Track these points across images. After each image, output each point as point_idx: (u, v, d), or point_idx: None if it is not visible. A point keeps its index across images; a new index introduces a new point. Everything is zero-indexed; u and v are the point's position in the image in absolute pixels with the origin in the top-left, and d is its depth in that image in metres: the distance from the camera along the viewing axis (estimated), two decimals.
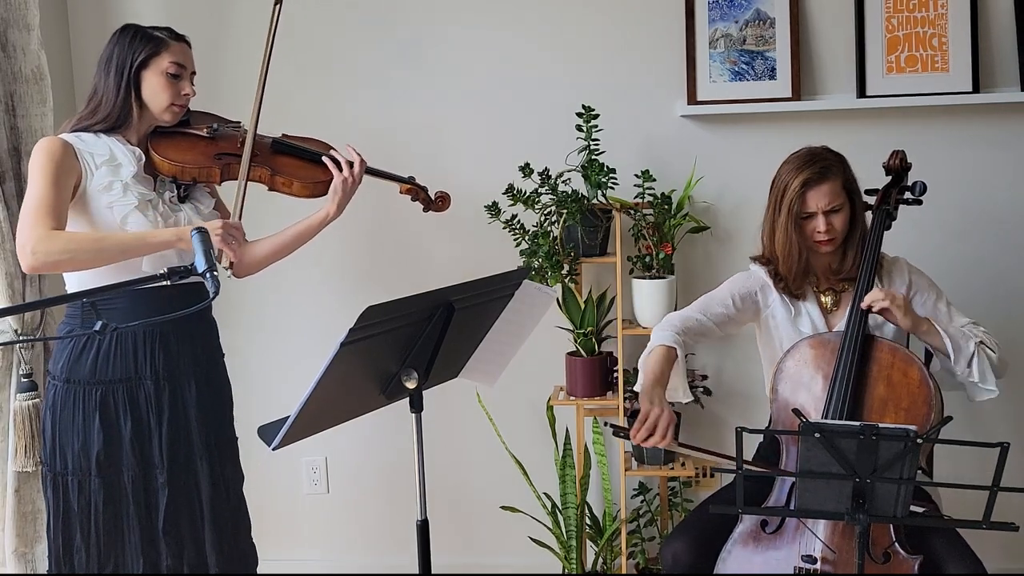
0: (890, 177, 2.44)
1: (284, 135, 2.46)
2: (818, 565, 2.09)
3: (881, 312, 2.20)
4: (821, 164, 2.28)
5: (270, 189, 2.37)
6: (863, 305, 2.20)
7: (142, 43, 2.21)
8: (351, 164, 2.38)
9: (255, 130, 2.33)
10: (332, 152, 2.40)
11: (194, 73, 2.29)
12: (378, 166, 2.49)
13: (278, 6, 2.44)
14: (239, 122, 2.42)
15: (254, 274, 2.47)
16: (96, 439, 2.16)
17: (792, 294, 2.37)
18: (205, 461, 2.25)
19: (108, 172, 2.16)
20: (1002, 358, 2.27)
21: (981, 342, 2.24)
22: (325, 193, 2.38)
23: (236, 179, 2.31)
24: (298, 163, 2.39)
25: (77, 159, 2.14)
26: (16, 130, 2.71)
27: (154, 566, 2.21)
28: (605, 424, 2.92)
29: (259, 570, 2.44)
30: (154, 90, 2.21)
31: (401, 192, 2.56)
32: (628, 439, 2.15)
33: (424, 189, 2.56)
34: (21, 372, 2.67)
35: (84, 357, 2.18)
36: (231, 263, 2.26)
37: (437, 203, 2.58)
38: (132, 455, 2.18)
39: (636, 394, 2.89)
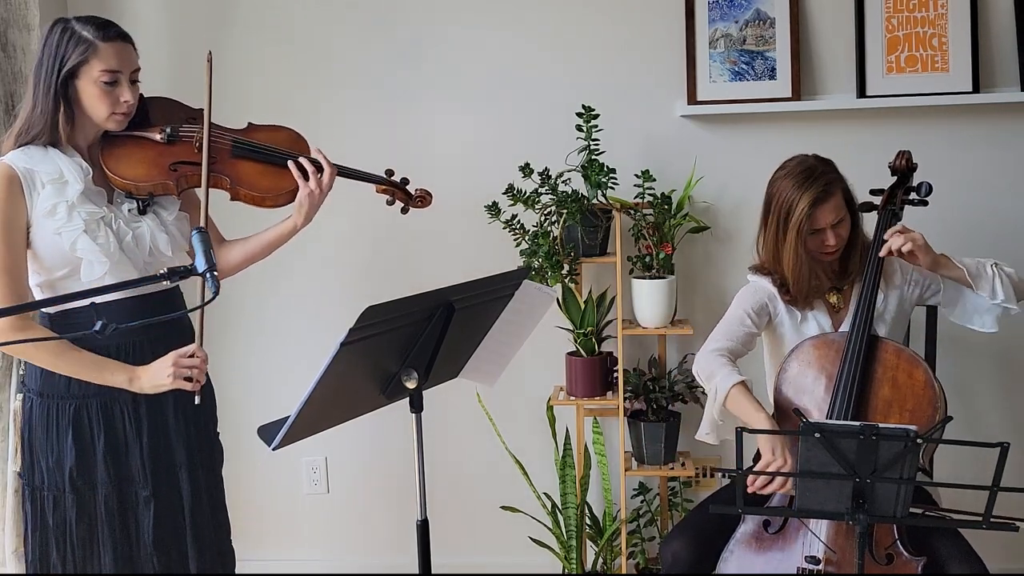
0: (896, 177, 2.43)
1: (250, 124, 2.29)
2: (821, 566, 2.08)
3: (905, 255, 2.21)
4: (824, 181, 2.25)
5: (233, 199, 2.21)
6: (882, 254, 2.21)
7: (71, 47, 1.98)
8: (318, 171, 2.19)
9: (207, 141, 2.15)
10: (300, 158, 2.21)
11: (137, 70, 2.07)
12: (351, 164, 2.33)
13: (209, 64, 2.20)
14: (200, 110, 2.20)
15: (228, 277, 2.37)
16: (69, 455, 2.07)
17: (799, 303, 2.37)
18: (185, 470, 2.16)
19: (53, 193, 1.99)
20: (1021, 276, 2.30)
21: (995, 263, 2.27)
22: (291, 202, 2.21)
23: (195, 186, 2.15)
24: (261, 169, 2.20)
25: (23, 190, 1.99)
26: None
27: None
28: (723, 475, 2.86)
29: (259, 571, 2.42)
30: (90, 101, 2.02)
31: (377, 192, 2.40)
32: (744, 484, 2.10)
33: (402, 186, 2.39)
34: (20, 372, 2.66)
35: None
36: (196, 394, 2.07)
37: (417, 201, 2.41)
38: (106, 471, 2.09)
39: (636, 396, 2.90)
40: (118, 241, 2.05)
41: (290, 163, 2.19)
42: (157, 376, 2.03)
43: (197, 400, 2.07)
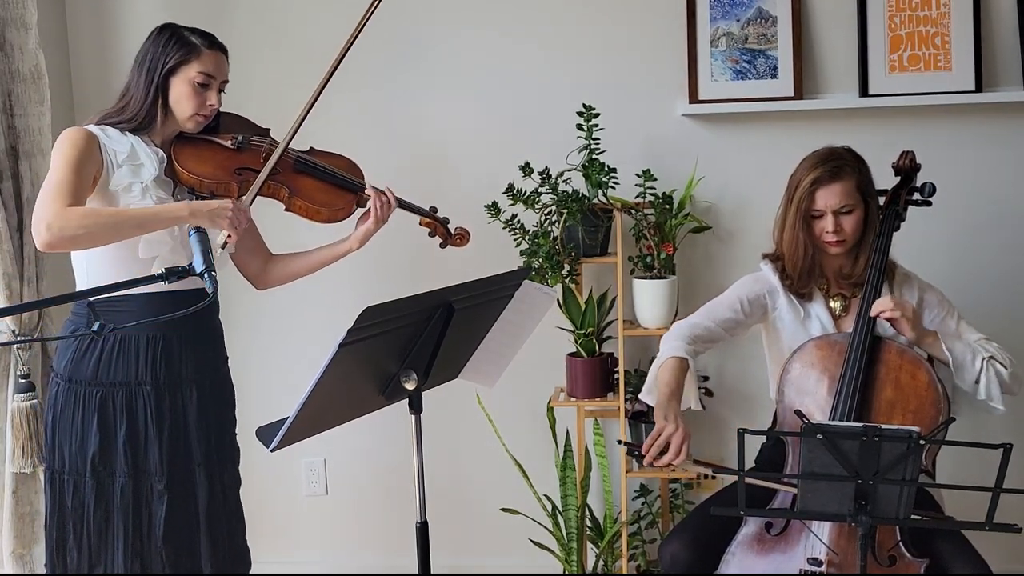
0: (899, 178, 2.42)
1: (312, 148, 2.40)
2: (823, 568, 2.07)
3: (890, 321, 2.18)
4: (834, 163, 2.25)
5: (287, 209, 2.31)
6: (872, 313, 2.18)
7: (175, 48, 2.17)
8: (381, 203, 2.32)
9: (280, 154, 2.25)
10: (370, 190, 2.33)
11: (226, 82, 2.25)
12: (402, 196, 2.43)
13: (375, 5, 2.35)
14: (268, 130, 2.37)
15: (271, 288, 2.51)
16: (93, 440, 2.14)
17: (800, 294, 2.34)
18: (203, 469, 2.22)
19: (129, 172, 2.12)
20: (1015, 373, 2.21)
21: (991, 357, 2.20)
22: (340, 220, 2.34)
23: (256, 194, 2.25)
24: (320, 186, 2.32)
25: (100, 152, 2.11)
26: (14, 130, 2.70)
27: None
28: (618, 442, 2.88)
29: (258, 571, 2.42)
30: (179, 97, 2.18)
31: (420, 224, 2.51)
32: (641, 457, 2.11)
33: (444, 223, 2.50)
34: (19, 373, 2.66)
35: (87, 357, 2.16)
36: (226, 240, 2.15)
37: (456, 239, 2.53)
38: (124, 461, 2.16)
39: (637, 397, 2.89)
40: (179, 229, 2.14)
41: (360, 201, 2.35)
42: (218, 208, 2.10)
43: (220, 252, 2.12)
